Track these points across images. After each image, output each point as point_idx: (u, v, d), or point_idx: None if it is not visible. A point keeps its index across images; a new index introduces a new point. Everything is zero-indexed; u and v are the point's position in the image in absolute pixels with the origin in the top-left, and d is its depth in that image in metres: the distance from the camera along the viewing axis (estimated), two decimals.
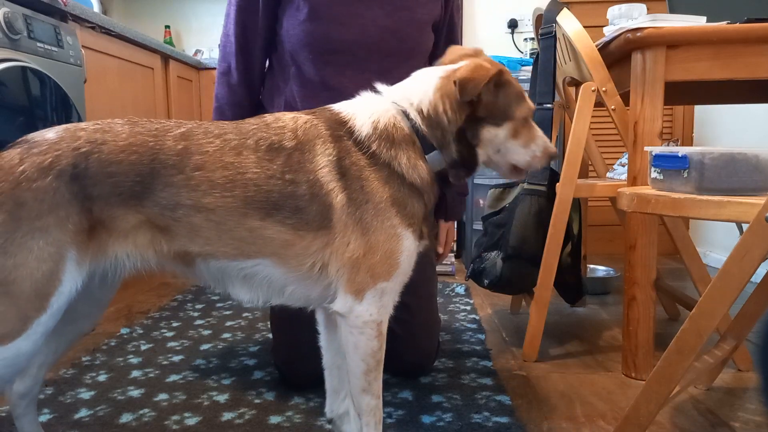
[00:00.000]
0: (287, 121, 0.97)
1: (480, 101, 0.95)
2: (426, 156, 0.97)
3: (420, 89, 0.99)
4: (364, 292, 0.92)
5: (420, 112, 0.97)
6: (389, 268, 0.92)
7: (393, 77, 1.37)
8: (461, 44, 1.58)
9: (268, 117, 0.99)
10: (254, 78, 1.42)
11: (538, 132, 1.04)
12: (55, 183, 0.84)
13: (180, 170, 0.89)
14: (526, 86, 2.02)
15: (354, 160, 0.92)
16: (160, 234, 0.91)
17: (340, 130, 0.95)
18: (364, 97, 1.01)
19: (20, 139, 0.88)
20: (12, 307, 0.83)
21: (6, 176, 0.83)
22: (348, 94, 1.04)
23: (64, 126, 0.91)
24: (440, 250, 1.58)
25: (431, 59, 1.51)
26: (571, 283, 1.83)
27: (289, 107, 1.35)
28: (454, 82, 0.94)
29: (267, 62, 1.45)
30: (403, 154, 0.94)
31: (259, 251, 0.93)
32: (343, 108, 0.99)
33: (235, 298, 0.98)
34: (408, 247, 0.94)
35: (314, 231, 0.91)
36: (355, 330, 0.93)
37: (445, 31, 1.48)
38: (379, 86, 1.02)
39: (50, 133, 0.88)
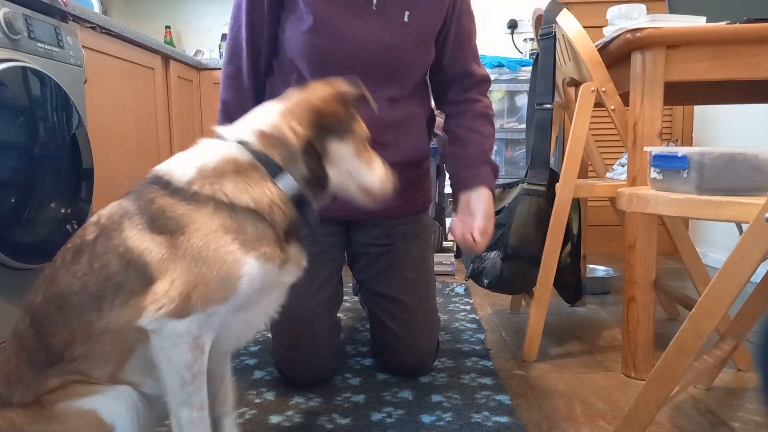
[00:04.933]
0: (92, 218, 0.94)
1: (331, 111, 0.97)
2: (275, 180, 0.94)
3: (262, 116, 0.99)
4: (188, 315, 0.86)
5: (260, 133, 0.95)
6: (225, 293, 0.87)
7: (390, 90, 1.38)
8: (470, 48, 1.53)
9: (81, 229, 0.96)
10: (261, 81, 1.43)
11: (378, 157, 1.07)
12: None
13: None
14: (525, 86, 2.02)
15: (170, 212, 0.88)
16: None
17: (153, 192, 0.91)
18: (197, 147, 0.97)
19: None
20: None
21: None
22: None
23: None
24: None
25: (434, 68, 1.50)
26: (571, 283, 1.83)
27: None
28: (329, 97, 0.98)
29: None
30: (230, 183, 0.90)
31: (131, 348, 0.89)
32: (162, 168, 0.95)
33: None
34: (249, 272, 0.88)
35: (142, 293, 0.86)
36: (167, 344, 0.87)
37: (451, 40, 1.46)
38: (220, 129, 0.99)
39: None
